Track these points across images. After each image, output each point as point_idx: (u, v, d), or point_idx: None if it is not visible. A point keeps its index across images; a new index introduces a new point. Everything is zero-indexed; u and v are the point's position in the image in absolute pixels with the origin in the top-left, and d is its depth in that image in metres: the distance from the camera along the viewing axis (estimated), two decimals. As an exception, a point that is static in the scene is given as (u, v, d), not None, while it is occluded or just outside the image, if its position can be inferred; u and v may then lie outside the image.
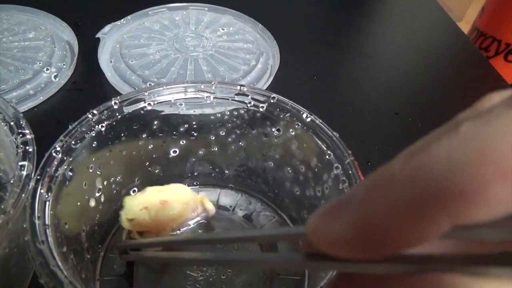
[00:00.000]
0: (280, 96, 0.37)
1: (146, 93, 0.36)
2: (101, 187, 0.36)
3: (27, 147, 0.31)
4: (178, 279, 0.37)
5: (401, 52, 0.69)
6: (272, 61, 0.60)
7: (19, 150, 0.30)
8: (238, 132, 0.40)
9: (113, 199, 0.38)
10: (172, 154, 0.41)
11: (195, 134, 0.40)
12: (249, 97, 0.37)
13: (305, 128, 0.36)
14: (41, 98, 0.51)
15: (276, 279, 0.38)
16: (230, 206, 0.43)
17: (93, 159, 0.34)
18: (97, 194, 0.36)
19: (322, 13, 0.76)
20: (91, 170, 0.35)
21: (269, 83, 0.56)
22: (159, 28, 0.61)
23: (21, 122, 0.32)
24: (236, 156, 0.42)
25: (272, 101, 0.37)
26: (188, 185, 0.44)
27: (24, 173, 0.29)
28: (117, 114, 0.35)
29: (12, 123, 0.32)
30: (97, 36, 0.59)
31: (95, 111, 0.34)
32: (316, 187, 0.36)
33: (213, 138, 0.41)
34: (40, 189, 0.29)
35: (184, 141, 0.40)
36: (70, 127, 0.33)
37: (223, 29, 0.62)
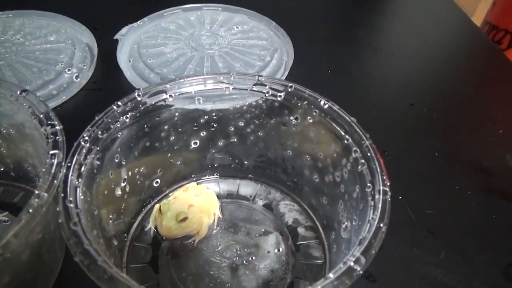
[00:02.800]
0: (297, 85, 0.38)
1: (168, 85, 0.37)
2: (126, 177, 0.37)
3: (57, 137, 0.32)
4: (202, 266, 0.38)
5: (414, 46, 0.69)
6: (286, 57, 0.61)
7: (49, 140, 0.32)
8: (256, 122, 0.41)
9: (137, 189, 0.40)
10: (193, 145, 0.42)
11: (214, 125, 0.41)
12: (267, 86, 0.38)
13: (322, 114, 0.36)
14: (64, 97, 0.53)
15: (298, 264, 0.38)
16: (250, 196, 0.44)
17: (118, 149, 0.36)
18: (123, 184, 0.37)
19: (334, 9, 0.77)
20: (116, 160, 0.36)
21: (284, 78, 0.57)
22: (175, 28, 0.63)
23: (50, 115, 0.34)
24: (255, 146, 0.43)
25: (289, 89, 0.38)
26: (208, 176, 0.45)
27: (55, 161, 0.30)
28: (140, 105, 0.36)
29: (41, 116, 0.34)
30: (115, 37, 0.61)
31: (119, 103, 0.35)
32: (335, 173, 0.37)
33: (232, 129, 0.42)
34: (71, 175, 0.30)
35: (204, 133, 0.41)
36: (96, 118, 0.34)
37: (237, 27, 0.64)
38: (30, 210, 0.27)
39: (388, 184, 0.30)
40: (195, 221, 0.38)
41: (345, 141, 0.35)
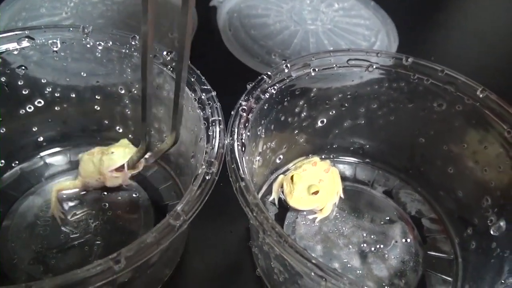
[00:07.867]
0: (449, 69, 0.36)
1: (313, 58, 0.35)
2: (260, 151, 0.36)
3: (214, 104, 0.31)
4: (330, 249, 0.36)
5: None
6: (387, 40, 0.58)
7: (207, 106, 0.30)
8: (392, 105, 0.39)
9: (265, 164, 0.38)
10: (319, 124, 0.40)
11: (346, 105, 0.39)
12: (414, 69, 0.36)
13: (478, 104, 0.34)
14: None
15: (427, 257, 0.37)
16: (369, 181, 0.42)
17: (262, 121, 0.34)
18: (257, 158, 0.36)
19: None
20: (258, 133, 0.34)
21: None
22: (274, -1, 0.60)
23: (202, 79, 0.32)
24: (382, 130, 0.41)
25: (440, 74, 0.36)
26: (325, 157, 0.43)
27: (218, 128, 0.29)
28: (286, 78, 0.35)
29: (193, 80, 0.32)
30: (211, 4, 0.59)
31: (269, 73, 0.34)
32: (484, 167, 0.35)
33: (363, 110, 0.40)
34: (238, 144, 0.28)
35: (334, 112, 0.40)
36: (249, 87, 0.33)
37: (338, 4, 0.61)
38: (208, 178, 0.26)
39: None
40: (324, 196, 0.37)
41: (506, 134, 0.33)
